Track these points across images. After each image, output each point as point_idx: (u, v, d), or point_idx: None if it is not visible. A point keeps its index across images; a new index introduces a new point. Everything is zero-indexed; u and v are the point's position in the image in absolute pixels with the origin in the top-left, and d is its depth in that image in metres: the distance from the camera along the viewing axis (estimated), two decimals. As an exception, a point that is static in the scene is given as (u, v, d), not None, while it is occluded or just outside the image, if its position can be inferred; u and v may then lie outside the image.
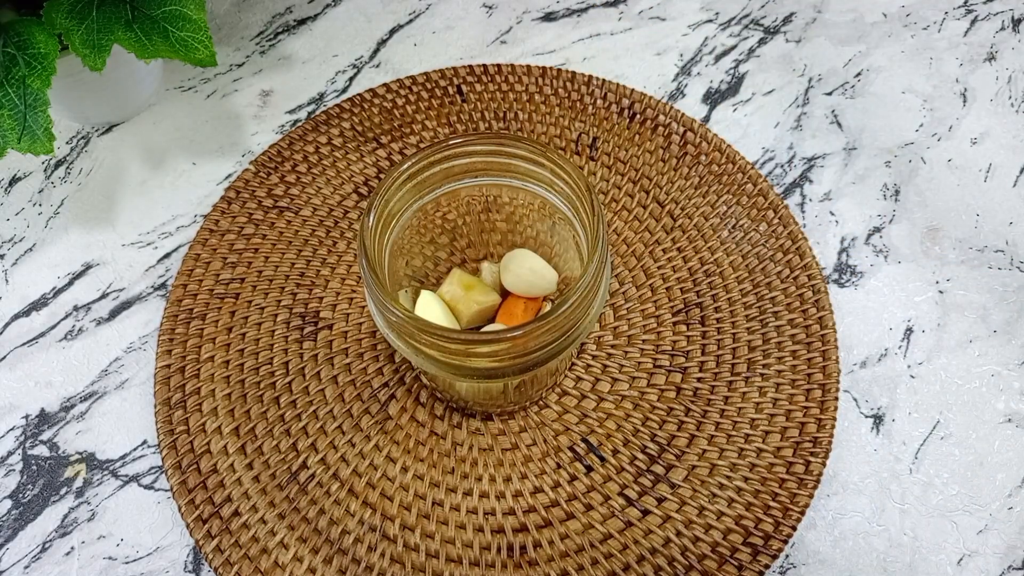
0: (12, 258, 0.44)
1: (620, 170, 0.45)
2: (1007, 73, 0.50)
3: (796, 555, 0.36)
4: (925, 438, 0.39)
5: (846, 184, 0.46)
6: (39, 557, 0.37)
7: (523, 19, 0.52)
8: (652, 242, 0.43)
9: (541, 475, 0.37)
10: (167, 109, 0.49)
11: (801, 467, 0.37)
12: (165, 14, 0.38)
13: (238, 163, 0.47)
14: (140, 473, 0.38)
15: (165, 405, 0.39)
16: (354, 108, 0.47)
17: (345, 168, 0.45)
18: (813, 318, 0.40)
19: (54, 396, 0.40)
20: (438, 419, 0.39)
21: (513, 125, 0.46)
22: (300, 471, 0.37)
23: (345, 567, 0.35)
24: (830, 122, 0.48)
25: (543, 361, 0.30)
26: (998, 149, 0.47)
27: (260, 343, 0.40)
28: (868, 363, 0.41)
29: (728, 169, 0.44)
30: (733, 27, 0.51)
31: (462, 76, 0.47)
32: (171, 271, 0.43)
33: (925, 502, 0.37)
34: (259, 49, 0.51)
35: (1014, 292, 0.42)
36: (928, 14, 0.52)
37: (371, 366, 0.40)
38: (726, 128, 0.47)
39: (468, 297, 0.37)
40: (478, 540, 0.36)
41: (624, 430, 0.38)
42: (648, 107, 0.46)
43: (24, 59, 0.37)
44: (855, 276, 0.43)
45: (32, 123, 0.37)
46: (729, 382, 0.39)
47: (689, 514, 0.36)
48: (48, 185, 0.46)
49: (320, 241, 0.43)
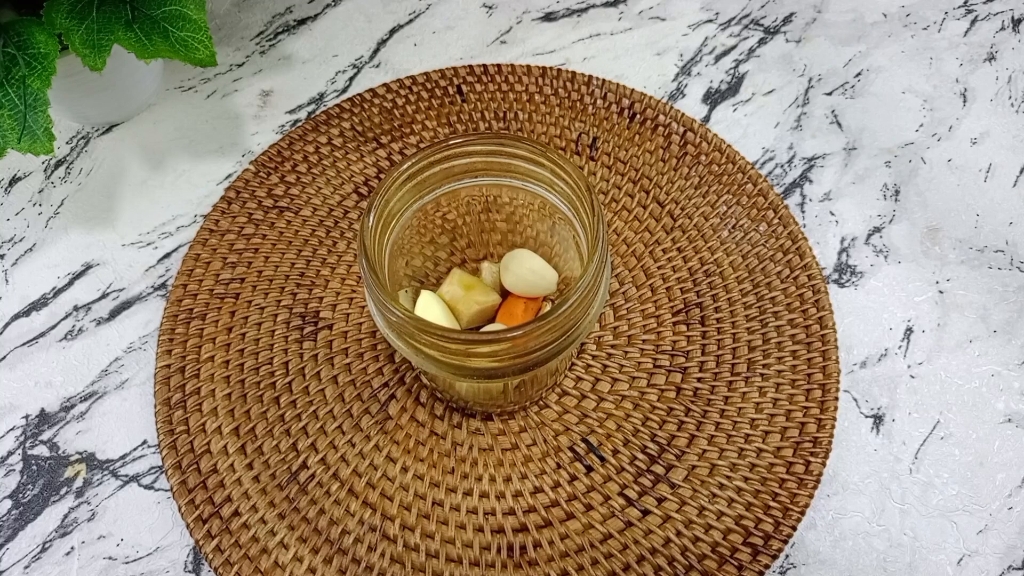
0: (12, 258, 0.44)
1: (620, 170, 0.45)
2: (1007, 73, 0.50)
3: (796, 555, 0.36)
4: (925, 438, 0.39)
5: (846, 184, 0.46)
6: (39, 557, 0.37)
7: (523, 19, 0.52)
8: (652, 242, 0.43)
9: (541, 475, 0.37)
10: (167, 109, 0.48)
11: (801, 467, 0.37)
12: (165, 14, 0.38)
13: (238, 163, 0.47)
14: (140, 473, 0.38)
15: (165, 405, 0.39)
16: (354, 108, 0.47)
17: (345, 168, 0.45)
18: (813, 318, 0.40)
19: (54, 396, 0.40)
20: (438, 419, 0.39)
21: (513, 125, 0.46)
22: (300, 471, 0.37)
23: (345, 567, 0.35)
24: (830, 122, 0.48)
25: (543, 361, 0.30)
26: (998, 149, 0.47)
27: (260, 343, 0.40)
28: (868, 363, 0.41)
29: (728, 169, 0.44)
30: (733, 27, 0.51)
31: (462, 76, 0.47)
32: (171, 271, 0.43)
33: (925, 502, 0.37)
34: (259, 49, 0.51)
35: (1014, 292, 0.42)
36: (928, 14, 0.52)
37: (371, 366, 0.40)
38: (726, 128, 0.47)
39: (468, 297, 0.37)
40: (478, 540, 0.36)
41: (624, 430, 0.38)
42: (648, 107, 0.46)
43: (24, 59, 0.37)
44: (855, 276, 0.43)
45: (32, 123, 0.37)
46: (729, 382, 0.39)
47: (689, 514, 0.36)
48: (48, 185, 0.46)
49: (320, 241, 0.43)
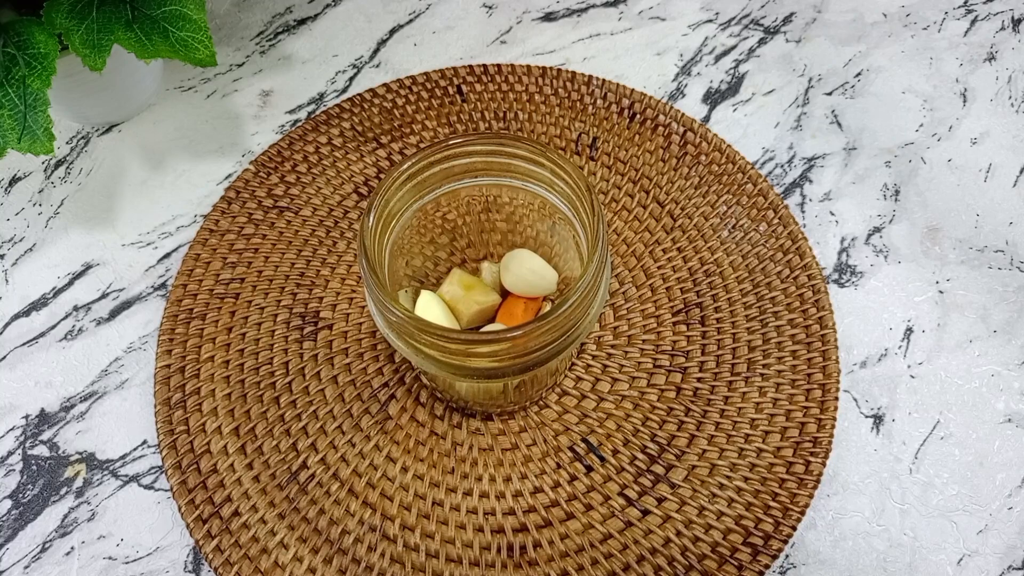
0: (12, 258, 0.44)
1: (620, 170, 0.45)
2: (1007, 73, 0.50)
3: (796, 555, 0.36)
4: (925, 438, 0.39)
5: (846, 184, 0.46)
6: (39, 557, 0.37)
7: (523, 19, 0.52)
8: (652, 242, 0.43)
9: (541, 475, 0.37)
10: (167, 109, 0.48)
11: (801, 467, 0.37)
12: (165, 14, 0.38)
13: (238, 163, 0.47)
14: (140, 473, 0.38)
15: (165, 405, 0.39)
16: (354, 108, 0.47)
17: (345, 168, 0.45)
18: (813, 318, 0.40)
19: (54, 396, 0.40)
20: (438, 419, 0.39)
21: (513, 125, 0.46)
22: (300, 471, 0.37)
23: (345, 567, 0.35)
24: (830, 122, 0.48)
25: (543, 361, 0.30)
26: (998, 149, 0.47)
27: (260, 343, 0.40)
28: (868, 363, 0.41)
29: (728, 169, 0.44)
30: (733, 27, 0.51)
31: (462, 76, 0.47)
32: (171, 271, 0.43)
33: (925, 502, 0.37)
34: (259, 49, 0.51)
35: (1014, 292, 0.42)
36: (928, 14, 0.52)
37: (371, 366, 0.40)
38: (726, 128, 0.47)
39: (468, 297, 0.37)
40: (478, 540, 0.36)
41: (624, 430, 0.38)
42: (648, 107, 0.46)
43: (24, 59, 0.37)
44: (855, 276, 0.43)
45: (32, 123, 0.37)
46: (729, 382, 0.39)
47: (689, 514, 0.36)
48: (48, 185, 0.46)
49: (320, 241, 0.43)
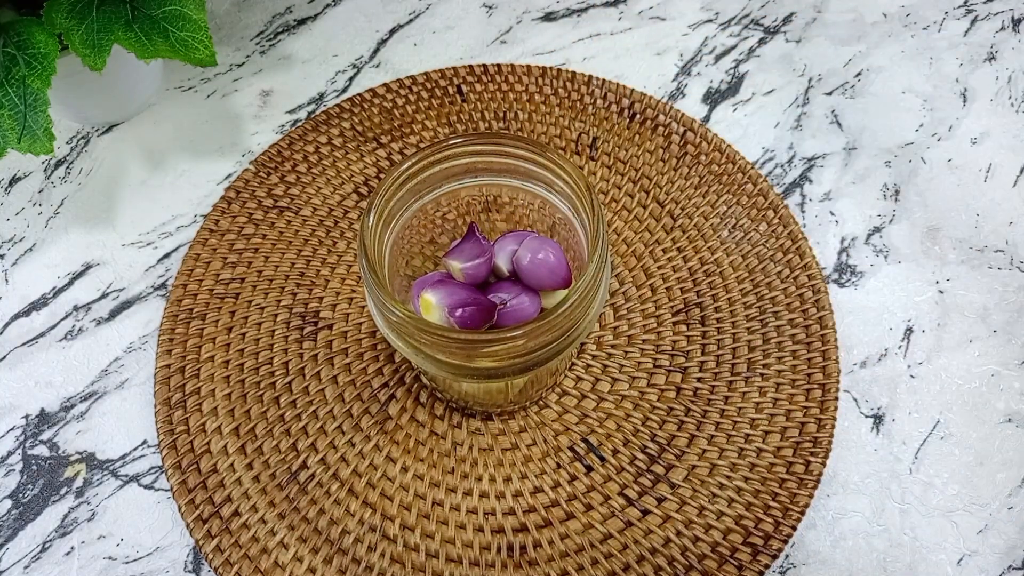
0: (12, 258, 0.44)
1: (620, 170, 0.45)
2: (1007, 73, 0.50)
3: (796, 555, 0.36)
4: (925, 438, 0.39)
5: (846, 184, 0.46)
6: (39, 557, 0.37)
7: (523, 19, 0.52)
8: (652, 242, 0.43)
9: (541, 475, 0.37)
10: (167, 109, 0.48)
11: (801, 467, 0.37)
12: (165, 14, 0.38)
13: (238, 163, 0.47)
14: (140, 473, 0.38)
15: (165, 405, 0.39)
16: (354, 108, 0.47)
17: (345, 168, 0.45)
18: (813, 318, 0.40)
19: (54, 396, 0.40)
20: (438, 419, 0.39)
21: (513, 125, 0.46)
22: (300, 471, 0.37)
23: (345, 567, 0.35)
24: (830, 122, 0.48)
25: (543, 361, 0.30)
26: (998, 149, 0.47)
27: (260, 343, 0.40)
28: (868, 363, 0.41)
29: (728, 169, 0.44)
30: (733, 27, 0.51)
31: (462, 76, 0.47)
32: (171, 271, 0.43)
33: (925, 502, 0.37)
34: (259, 49, 0.51)
35: (1014, 292, 0.42)
36: (928, 14, 0.52)
37: (371, 366, 0.40)
38: (726, 128, 0.47)
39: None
40: (478, 540, 0.36)
41: (624, 430, 0.38)
42: (648, 107, 0.46)
43: (24, 59, 0.37)
44: (855, 276, 0.43)
45: (32, 123, 0.37)
46: (729, 382, 0.39)
47: (689, 514, 0.36)
48: (48, 185, 0.46)
49: (320, 241, 0.43)
